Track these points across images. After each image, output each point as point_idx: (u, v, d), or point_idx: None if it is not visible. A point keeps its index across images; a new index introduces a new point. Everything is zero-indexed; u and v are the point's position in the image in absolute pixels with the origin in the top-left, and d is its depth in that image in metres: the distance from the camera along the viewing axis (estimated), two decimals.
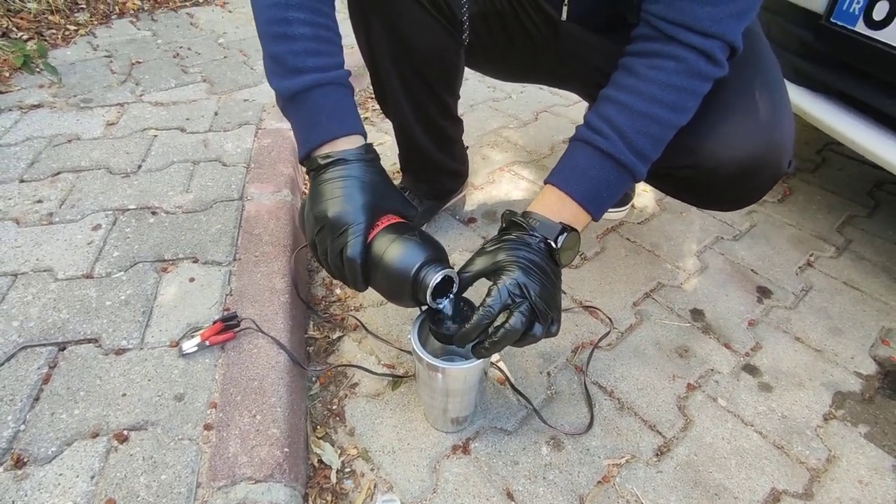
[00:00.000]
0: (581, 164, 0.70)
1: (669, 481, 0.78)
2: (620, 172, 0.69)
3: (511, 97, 1.82)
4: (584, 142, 0.70)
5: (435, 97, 1.00)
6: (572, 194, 0.69)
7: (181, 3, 2.28)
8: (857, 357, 0.99)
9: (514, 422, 0.85)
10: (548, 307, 0.63)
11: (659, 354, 0.97)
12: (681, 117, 0.69)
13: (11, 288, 0.92)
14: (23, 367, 0.79)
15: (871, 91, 1.03)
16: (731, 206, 0.91)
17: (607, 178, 0.70)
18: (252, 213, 1.11)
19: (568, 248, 0.68)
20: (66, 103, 1.50)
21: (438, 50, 0.92)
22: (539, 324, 0.63)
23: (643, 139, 0.68)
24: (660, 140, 0.69)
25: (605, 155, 0.68)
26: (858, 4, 1.00)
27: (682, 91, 0.67)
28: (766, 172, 0.79)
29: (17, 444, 0.70)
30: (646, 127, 0.67)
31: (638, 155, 0.68)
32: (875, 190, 1.46)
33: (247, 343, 0.84)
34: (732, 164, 0.77)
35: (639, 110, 0.67)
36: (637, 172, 0.70)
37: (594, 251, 1.19)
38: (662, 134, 0.69)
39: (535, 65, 1.01)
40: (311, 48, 0.66)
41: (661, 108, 0.67)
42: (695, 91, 0.68)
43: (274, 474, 0.68)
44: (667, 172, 0.84)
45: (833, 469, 0.81)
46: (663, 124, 0.68)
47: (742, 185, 0.82)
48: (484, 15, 0.92)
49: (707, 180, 0.81)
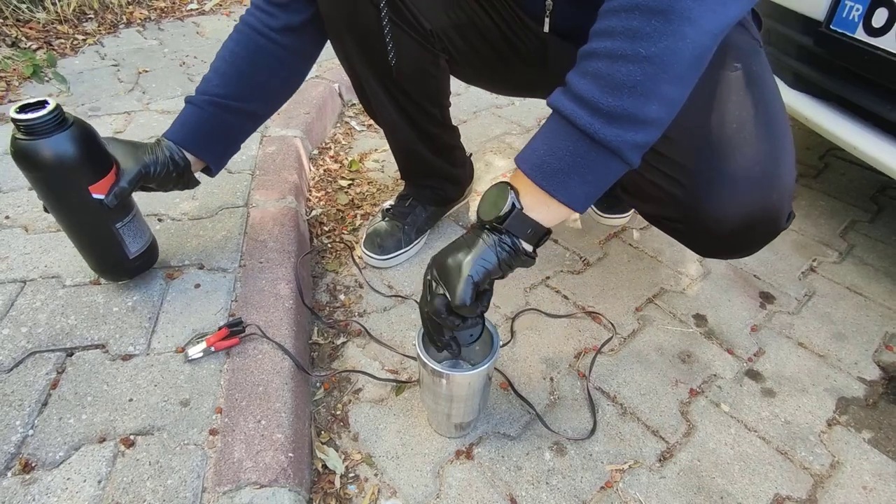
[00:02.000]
0: (537, 136, 0.62)
1: (673, 487, 0.78)
2: (556, 120, 0.58)
3: (514, 104, 1.83)
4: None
5: (421, 108, 1.00)
6: (522, 166, 0.61)
7: (187, 12, 2.31)
8: (860, 362, 0.99)
9: (517, 427, 0.85)
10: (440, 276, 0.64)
11: (662, 360, 0.97)
12: (628, 43, 0.52)
13: (20, 294, 0.93)
14: (31, 373, 0.80)
15: (871, 97, 1.04)
16: (724, 257, 0.88)
17: (544, 131, 0.60)
18: (257, 220, 1.12)
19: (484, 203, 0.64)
20: (75, 112, 1.52)
21: (415, 63, 0.92)
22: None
23: (580, 79, 0.55)
24: (609, 77, 0.53)
25: (554, 114, 0.59)
26: (858, 11, 1.01)
27: (619, 12, 0.53)
28: (763, 231, 0.75)
29: (25, 448, 0.71)
30: (585, 66, 0.55)
31: (575, 98, 0.55)
32: (877, 195, 1.46)
33: (252, 349, 0.85)
34: (726, 223, 0.72)
35: (582, 52, 0.56)
36: (574, 115, 0.55)
37: (597, 257, 1.20)
38: (608, 69, 0.53)
39: (531, 79, 1.00)
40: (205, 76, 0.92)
41: (599, 39, 0.54)
42: (640, 6, 0.51)
43: (279, 479, 0.68)
44: (659, 221, 0.82)
45: (837, 475, 0.81)
46: (602, 56, 0.54)
47: (736, 242, 0.77)
48: (458, 27, 0.91)
49: (699, 235, 0.78)
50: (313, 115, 1.53)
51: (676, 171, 0.74)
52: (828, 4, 1.07)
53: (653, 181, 0.76)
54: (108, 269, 0.91)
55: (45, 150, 0.75)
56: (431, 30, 0.90)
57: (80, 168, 0.78)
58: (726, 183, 0.70)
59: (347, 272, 1.14)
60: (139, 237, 0.90)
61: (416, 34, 0.89)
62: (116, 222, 0.85)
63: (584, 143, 0.56)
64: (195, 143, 0.90)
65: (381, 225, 1.14)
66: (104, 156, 0.82)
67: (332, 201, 1.33)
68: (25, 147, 0.75)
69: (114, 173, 0.83)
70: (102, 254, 0.88)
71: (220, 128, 0.91)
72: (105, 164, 0.82)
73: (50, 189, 0.80)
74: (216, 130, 0.91)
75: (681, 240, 0.84)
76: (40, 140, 0.75)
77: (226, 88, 0.89)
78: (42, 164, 0.76)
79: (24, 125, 0.74)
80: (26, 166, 0.77)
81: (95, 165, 0.80)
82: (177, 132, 0.89)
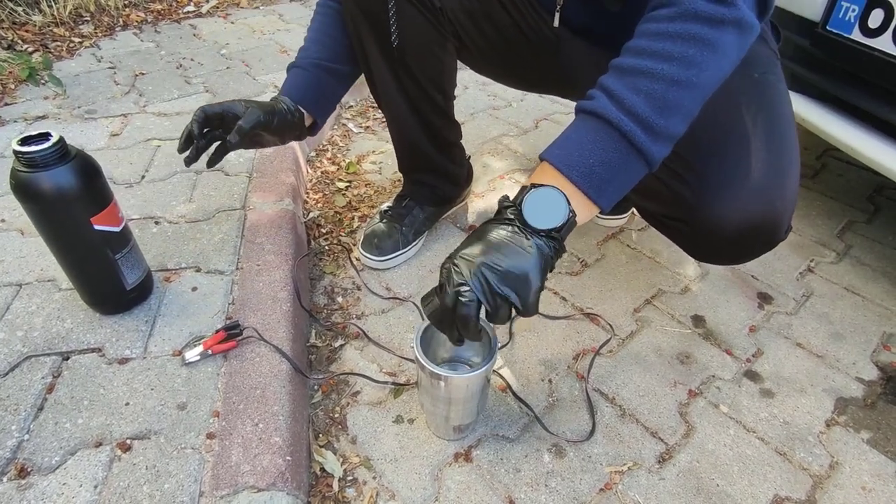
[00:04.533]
0: (568, 131, 0.63)
1: (672, 488, 0.78)
2: (611, 136, 0.60)
3: (511, 105, 1.83)
4: (577, 112, 0.64)
5: (424, 93, 1.01)
6: (559, 166, 0.61)
7: (184, 14, 2.31)
8: (858, 362, 0.99)
9: (515, 429, 0.85)
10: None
11: (660, 361, 0.97)
12: (684, 69, 0.58)
13: (16, 298, 0.92)
14: (27, 377, 0.80)
15: (867, 97, 1.04)
16: (720, 263, 0.88)
17: (592, 139, 0.60)
18: (254, 223, 1.11)
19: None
20: (71, 114, 1.52)
21: (421, 40, 0.93)
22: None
23: (634, 96, 0.58)
24: (662, 98, 0.58)
25: (588, 114, 0.61)
26: (854, 12, 1.01)
27: (675, 38, 0.58)
28: (762, 240, 0.76)
29: (20, 453, 0.71)
30: (636, 82, 0.58)
31: (629, 113, 0.58)
32: (874, 195, 1.46)
33: (249, 352, 0.84)
34: (728, 227, 0.73)
35: (628, 66, 0.60)
36: (632, 133, 0.58)
37: (594, 258, 1.20)
38: (664, 91, 0.58)
39: (541, 72, 1.01)
40: (303, 46, 1.02)
41: (652, 59, 0.58)
42: (695, 36, 0.57)
43: (276, 483, 0.68)
44: (661, 221, 0.83)
45: (836, 475, 0.81)
46: (659, 78, 0.58)
47: (735, 248, 0.78)
48: (470, 12, 0.93)
49: (699, 237, 0.78)
50: None
51: (686, 171, 0.75)
52: (824, 5, 1.07)
53: (661, 179, 0.77)
54: (105, 300, 0.89)
55: (48, 182, 0.75)
56: (441, 8, 0.91)
57: (83, 200, 0.78)
58: (735, 187, 0.71)
59: (345, 274, 1.13)
60: (136, 268, 0.89)
61: (425, 10, 0.90)
62: (116, 253, 0.85)
63: (632, 158, 0.60)
64: (305, 98, 0.99)
65: (379, 226, 1.14)
66: (105, 187, 0.82)
67: (330, 203, 1.33)
68: (27, 180, 0.74)
69: (114, 204, 0.83)
70: (100, 285, 0.87)
71: (322, 86, 1.01)
72: (106, 195, 0.82)
73: (51, 221, 0.79)
74: (320, 89, 1.01)
75: (679, 241, 0.84)
76: (42, 173, 0.74)
77: (323, 52, 1.00)
78: (44, 197, 0.75)
79: (26, 158, 0.73)
80: (27, 199, 0.76)
81: (97, 197, 0.80)
82: (290, 90, 0.99)
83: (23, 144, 0.74)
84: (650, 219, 0.88)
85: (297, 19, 2.32)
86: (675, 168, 0.75)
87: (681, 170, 0.75)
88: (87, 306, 0.90)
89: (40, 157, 0.73)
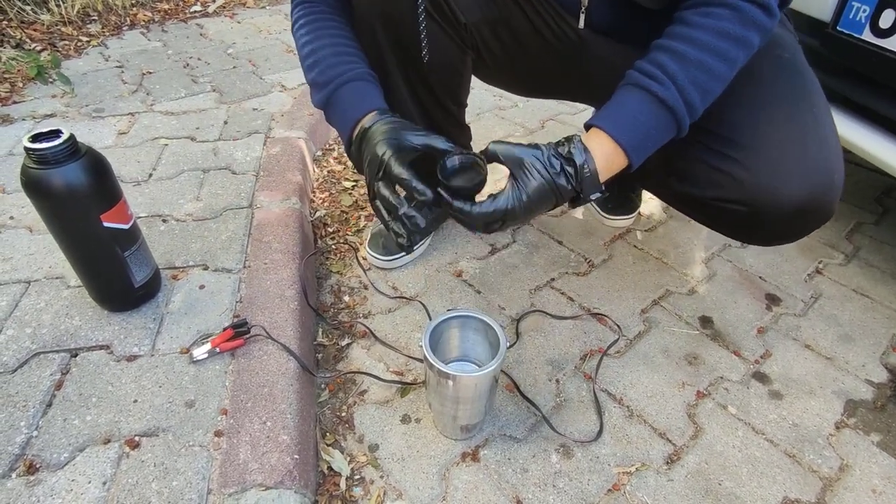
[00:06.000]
0: (633, 110, 0.69)
1: (680, 490, 0.78)
2: (669, 122, 0.68)
3: (517, 106, 1.83)
4: (637, 86, 0.68)
5: (439, 104, 1.00)
6: (622, 142, 0.68)
7: (191, 14, 2.31)
8: (868, 365, 0.98)
9: (523, 429, 0.85)
10: (515, 224, 0.71)
11: (668, 362, 0.97)
12: (730, 69, 0.67)
13: (25, 295, 0.93)
14: (35, 374, 0.80)
15: (878, 98, 1.03)
16: (770, 244, 0.86)
17: (656, 125, 0.68)
18: (261, 221, 1.11)
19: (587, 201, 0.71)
20: (79, 113, 1.53)
21: (445, 58, 0.91)
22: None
23: (693, 89, 0.66)
24: (707, 92, 0.67)
25: (658, 101, 0.67)
26: (865, 13, 1.00)
27: (735, 40, 0.65)
28: (819, 215, 0.75)
29: (29, 449, 0.71)
30: (697, 76, 0.66)
31: (688, 105, 0.67)
32: (883, 197, 1.45)
33: (257, 350, 0.84)
34: (790, 202, 0.72)
35: (691, 58, 0.65)
36: (683, 125, 0.68)
37: (602, 258, 1.19)
38: (710, 85, 0.67)
39: (560, 79, 0.99)
40: (332, 63, 0.78)
41: (713, 56, 0.65)
42: (747, 41, 0.65)
43: (284, 481, 0.68)
44: (710, 204, 0.80)
45: (846, 478, 0.80)
46: (713, 75, 0.66)
47: (790, 225, 0.77)
48: (492, 22, 0.90)
49: (757, 218, 0.76)
50: (317, 117, 1.53)
51: (735, 150, 0.75)
52: (834, 5, 1.07)
53: (706, 162, 0.77)
54: (113, 298, 0.89)
55: (59, 179, 0.75)
56: (466, 24, 0.88)
57: (93, 197, 0.78)
58: (794, 160, 0.72)
59: (352, 273, 1.13)
60: (144, 266, 0.89)
61: (450, 28, 0.88)
62: (125, 250, 0.85)
63: (671, 134, 0.70)
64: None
65: None
66: (115, 185, 0.83)
67: (336, 203, 1.33)
68: (38, 176, 0.74)
69: (123, 202, 0.83)
70: (108, 283, 0.87)
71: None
72: (116, 192, 0.82)
73: (61, 218, 0.79)
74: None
75: (727, 224, 0.83)
76: (53, 169, 0.74)
77: (360, 62, 0.82)
78: (55, 194, 0.76)
79: (38, 154, 0.73)
80: (38, 195, 0.76)
81: (107, 194, 0.81)
82: (377, 102, 0.79)
83: (34, 141, 0.74)
84: (693, 205, 0.85)
85: None
86: (718, 149, 0.75)
87: (727, 149, 0.75)
88: (96, 303, 0.90)
89: (51, 154, 0.74)
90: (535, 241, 1.24)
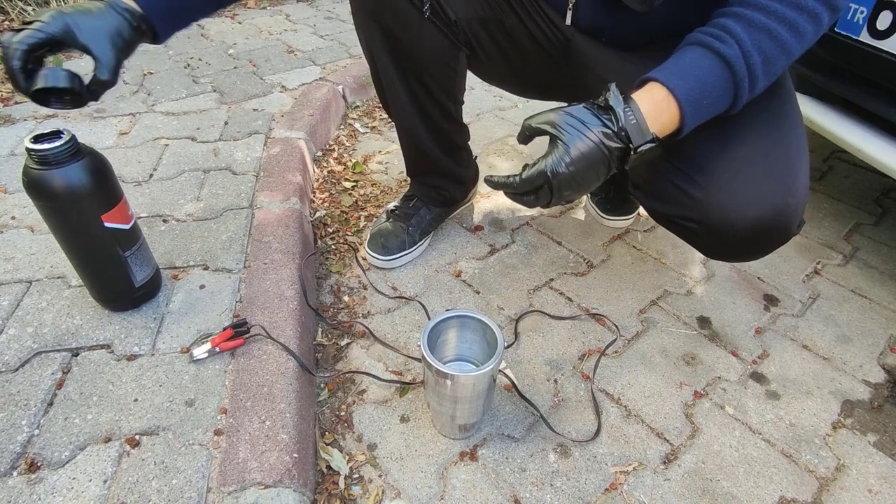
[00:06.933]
0: (689, 62, 0.65)
1: (677, 489, 0.78)
2: (727, 84, 0.64)
3: (517, 106, 1.83)
4: (697, 44, 0.65)
5: (435, 101, 1.01)
6: (675, 90, 0.63)
7: None
8: (865, 365, 0.99)
9: (521, 429, 0.85)
10: (569, 192, 0.67)
11: (666, 362, 0.97)
12: (798, 43, 0.63)
13: (26, 294, 0.93)
14: (37, 373, 0.81)
15: (875, 100, 1.04)
16: (733, 260, 0.87)
17: (713, 83, 0.64)
18: (261, 221, 1.12)
19: (641, 157, 0.65)
20: (80, 113, 1.53)
21: (436, 53, 0.93)
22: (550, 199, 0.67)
23: (758, 55, 0.63)
24: (771, 63, 0.64)
25: (719, 57, 0.63)
26: (862, 14, 1.01)
27: (804, 11, 0.62)
28: (775, 236, 0.76)
29: (31, 448, 0.71)
30: (761, 42, 0.62)
31: (750, 71, 0.63)
32: (882, 198, 1.45)
33: (256, 349, 0.85)
34: (740, 225, 0.73)
35: (757, 23, 0.62)
36: (741, 92, 0.65)
37: (600, 259, 1.20)
38: (775, 56, 0.63)
39: (550, 79, 1.01)
40: None
41: (781, 24, 0.62)
42: (817, 17, 0.62)
43: (283, 480, 0.68)
44: (672, 221, 0.82)
45: (842, 478, 0.81)
46: (778, 44, 0.63)
47: (747, 245, 0.78)
48: (483, 20, 0.93)
49: (712, 236, 0.77)
50: (317, 118, 1.53)
51: (696, 171, 0.75)
52: None
53: (671, 180, 0.77)
54: (114, 297, 0.90)
55: (60, 180, 0.75)
56: (456, 20, 0.90)
57: (94, 197, 0.79)
58: (745, 185, 0.72)
59: (351, 273, 1.14)
60: (145, 266, 0.90)
61: (441, 24, 0.89)
62: (126, 250, 0.85)
63: (726, 104, 0.67)
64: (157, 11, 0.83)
65: (386, 226, 1.14)
66: (116, 185, 0.83)
67: (336, 203, 1.34)
68: (39, 177, 0.75)
69: (124, 202, 0.84)
70: (109, 282, 0.88)
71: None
72: (117, 193, 0.83)
73: (63, 218, 0.80)
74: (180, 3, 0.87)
75: (691, 240, 0.84)
76: (55, 170, 0.75)
77: None
78: (56, 194, 0.76)
79: (39, 155, 0.74)
80: (39, 196, 0.77)
81: (108, 195, 0.81)
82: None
83: (35, 142, 0.75)
84: (661, 220, 0.88)
85: (304, 20, 2.34)
86: (684, 169, 0.76)
87: (690, 170, 0.75)
88: (97, 303, 0.91)
89: (53, 155, 0.74)
90: (535, 241, 1.24)
